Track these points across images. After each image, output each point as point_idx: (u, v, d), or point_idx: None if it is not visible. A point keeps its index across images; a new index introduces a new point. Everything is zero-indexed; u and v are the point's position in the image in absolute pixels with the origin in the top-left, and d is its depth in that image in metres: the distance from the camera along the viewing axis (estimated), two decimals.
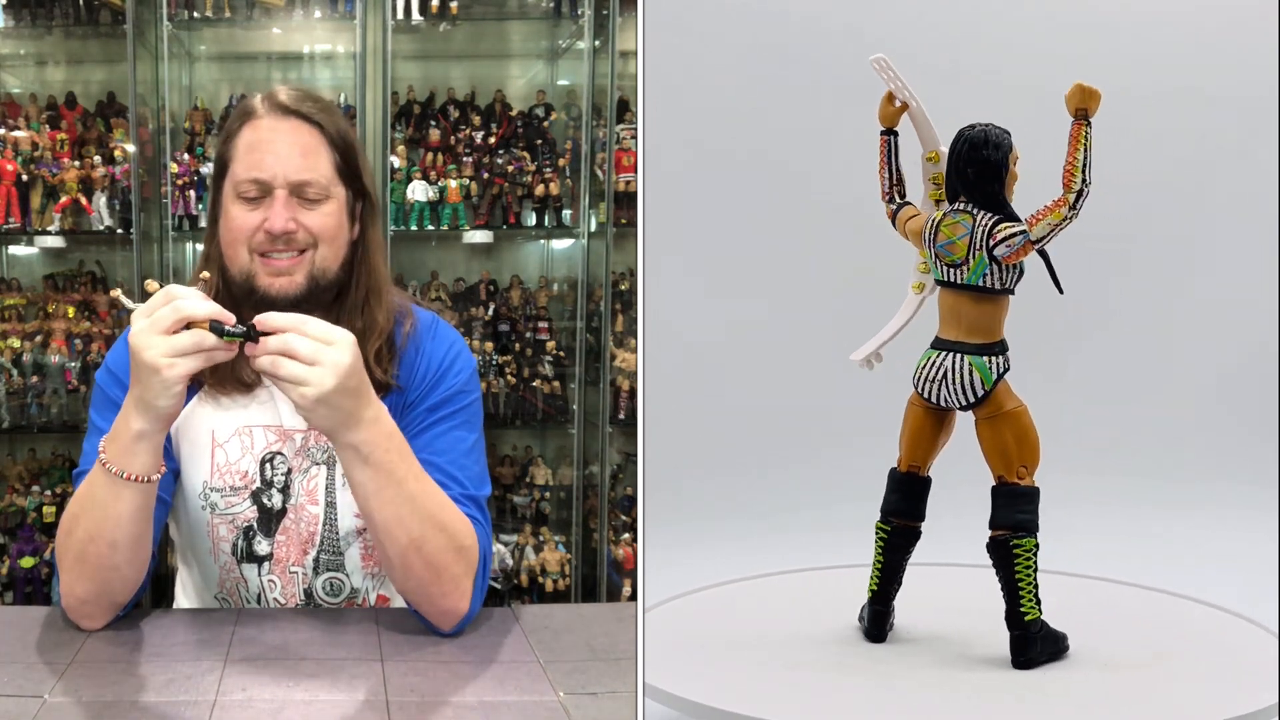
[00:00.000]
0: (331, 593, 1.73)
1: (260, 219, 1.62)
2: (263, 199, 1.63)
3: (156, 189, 3.30)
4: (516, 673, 1.45)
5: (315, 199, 1.65)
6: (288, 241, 1.63)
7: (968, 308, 1.84)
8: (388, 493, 1.49)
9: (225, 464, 1.69)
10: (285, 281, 1.64)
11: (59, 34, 3.35)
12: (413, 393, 1.71)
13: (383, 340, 1.69)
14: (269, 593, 1.72)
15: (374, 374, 1.62)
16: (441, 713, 1.32)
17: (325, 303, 1.68)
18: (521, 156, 3.39)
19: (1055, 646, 1.85)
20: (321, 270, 1.66)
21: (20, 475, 3.37)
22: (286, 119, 1.65)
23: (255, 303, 1.62)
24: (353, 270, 1.71)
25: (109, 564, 1.51)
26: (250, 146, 1.64)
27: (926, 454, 1.93)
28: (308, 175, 1.64)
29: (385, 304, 1.72)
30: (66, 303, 3.36)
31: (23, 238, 3.33)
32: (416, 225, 3.34)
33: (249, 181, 1.63)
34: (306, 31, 3.43)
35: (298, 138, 1.65)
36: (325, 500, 1.70)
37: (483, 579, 1.62)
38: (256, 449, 1.70)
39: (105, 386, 1.69)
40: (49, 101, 3.37)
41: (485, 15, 3.48)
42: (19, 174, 3.23)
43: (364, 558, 1.73)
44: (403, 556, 1.53)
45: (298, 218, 1.63)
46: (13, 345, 3.28)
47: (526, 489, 3.48)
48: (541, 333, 3.46)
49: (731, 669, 1.83)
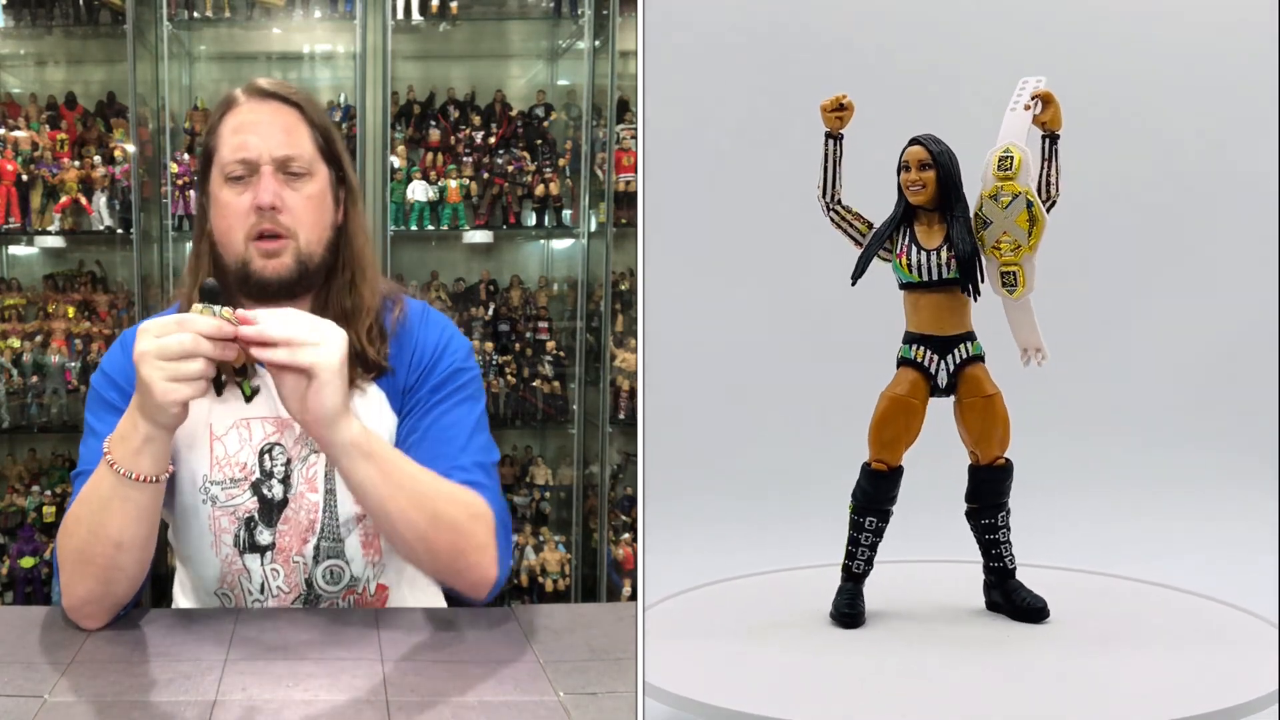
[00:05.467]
0: (331, 581, 1.73)
1: (250, 199, 1.66)
2: (249, 179, 1.67)
3: (156, 189, 3.30)
4: (516, 673, 1.45)
5: (299, 173, 1.68)
6: (274, 219, 1.66)
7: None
8: (395, 478, 1.53)
9: (224, 456, 1.70)
10: (276, 264, 1.67)
11: (59, 34, 3.35)
12: (409, 377, 1.73)
13: (372, 319, 1.72)
14: (272, 581, 1.72)
15: (366, 353, 1.68)
16: (441, 713, 1.32)
17: (314, 286, 1.72)
18: (521, 156, 3.39)
19: None
20: (308, 253, 1.69)
21: (20, 475, 3.37)
22: (267, 101, 1.70)
23: (250, 288, 1.66)
24: (338, 253, 1.74)
25: (114, 564, 1.52)
26: (234, 129, 1.68)
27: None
28: (291, 150, 1.68)
29: (371, 284, 1.75)
30: (66, 303, 3.36)
31: (23, 238, 3.34)
32: (416, 225, 3.34)
33: (235, 162, 1.66)
34: (306, 31, 3.43)
35: (279, 118, 1.69)
36: (325, 488, 1.70)
37: (505, 541, 1.66)
38: (255, 440, 1.71)
39: (100, 389, 1.71)
40: (49, 101, 3.37)
41: (485, 15, 3.48)
42: (19, 174, 3.23)
43: (364, 545, 1.73)
44: (424, 538, 1.56)
45: (283, 195, 1.67)
46: (13, 345, 3.29)
47: (526, 489, 3.48)
48: (541, 333, 3.46)
49: (732, 667, 1.84)
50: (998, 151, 1.92)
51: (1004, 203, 1.90)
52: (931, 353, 1.98)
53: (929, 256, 1.94)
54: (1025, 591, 2.01)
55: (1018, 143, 1.91)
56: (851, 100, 1.98)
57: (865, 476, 2.02)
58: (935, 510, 2.11)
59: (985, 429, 1.98)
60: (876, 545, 2.04)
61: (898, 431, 1.99)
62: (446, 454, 1.66)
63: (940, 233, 1.94)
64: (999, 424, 1.99)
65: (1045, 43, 3.49)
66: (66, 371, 3.28)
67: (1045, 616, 1.97)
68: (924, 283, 1.95)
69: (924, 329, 1.98)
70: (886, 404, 1.99)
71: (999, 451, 2.00)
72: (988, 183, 1.93)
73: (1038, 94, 1.92)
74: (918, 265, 1.95)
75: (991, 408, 1.98)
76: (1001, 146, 1.92)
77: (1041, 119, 1.92)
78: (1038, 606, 1.98)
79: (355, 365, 1.67)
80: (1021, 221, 1.89)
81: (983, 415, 1.98)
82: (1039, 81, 1.94)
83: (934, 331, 1.97)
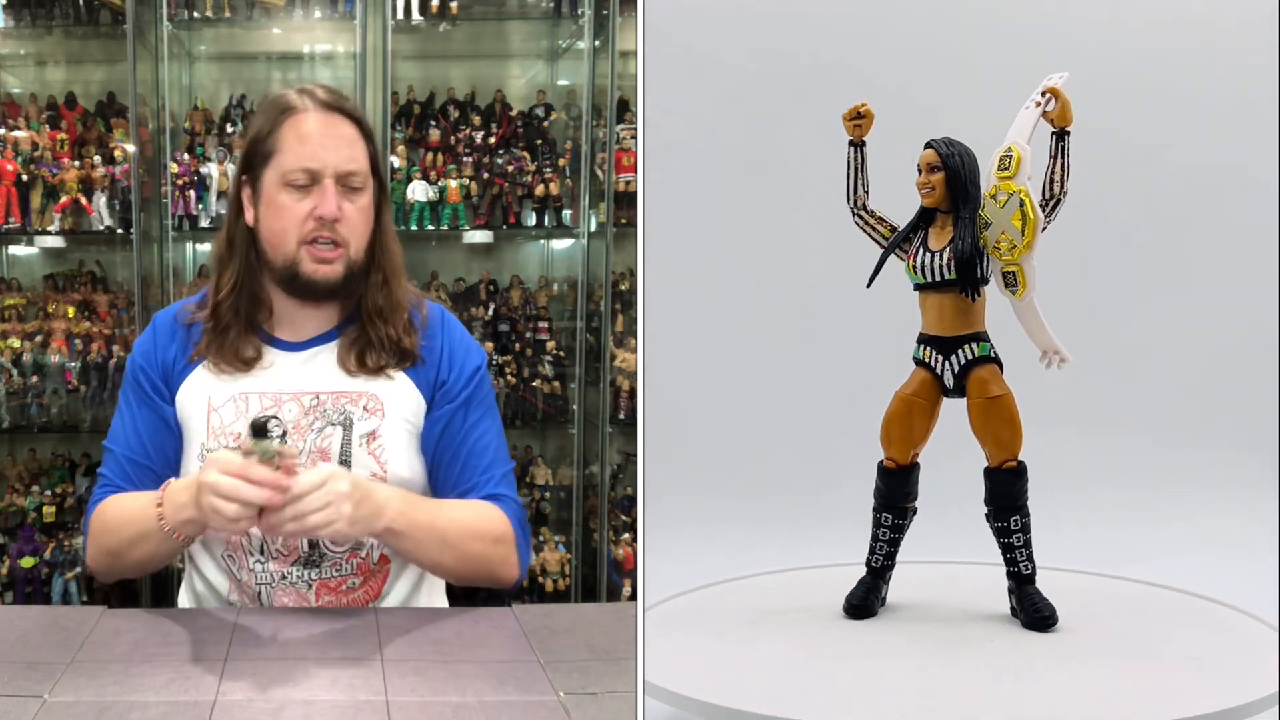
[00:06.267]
0: (338, 542, 1.78)
1: (310, 206, 1.74)
2: (311, 187, 1.74)
3: (156, 189, 3.30)
4: (516, 673, 1.45)
5: (357, 188, 1.77)
6: (333, 229, 1.74)
7: None
8: (428, 541, 1.71)
9: (219, 426, 1.78)
10: (327, 270, 1.76)
11: (59, 34, 3.35)
12: (441, 372, 1.84)
13: (406, 315, 1.83)
14: (271, 544, 1.78)
15: (402, 342, 1.80)
16: (441, 713, 1.32)
17: (357, 290, 1.81)
18: (521, 156, 3.39)
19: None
20: (355, 260, 1.78)
21: (20, 475, 3.37)
22: (331, 114, 1.77)
23: (296, 288, 1.77)
24: (374, 253, 1.82)
25: (133, 568, 1.78)
26: (301, 138, 1.74)
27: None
28: (353, 166, 1.76)
29: (402, 282, 1.86)
30: (66, 303, 3.36)
31: (23, 238, 3.34)
32: (416, 225, 3.34)
33: (301, 170, 1.73)
34: (306, 31, 3.43)
35: (343, 131, 1.77)
36: (339, 460, 1.76)
37: (525, 542, 1.84)
38: (251, 413, 1.77)
39: (132, 373, 1.86)
40: (49, 101, 3.37)
41: (485, 15, 3.48)
42: (19, 174, 3.23)
43: None
44: (453, 572, 1.81)
45: (343, 207, 1.75)
46: (13, 345, 3.29)
47: (527, 489, 3.48)
48: (541, 333, 3.46)
49: (732, 666, 1.84)
50: (1000, 150, 1.92)
51: (1001, 202, 1.90)
52: (937, 353, 1.99)
53: (933, 258, 1.95)
54: (1038, 598, 1.98)
55: (1020, 140, 1.90)
56: (870, 108, 2.00)
57: (878, 473, 2.06)
58: (962, 511, 2.10)
59: (990, 431, 1.97)
60: (896, 542, 2.06)
61: (903, 430, 2.02)
62: (478, 467, 1.83)
63: (949, 234, 1.95)
64: (1004, 426, 1.96)
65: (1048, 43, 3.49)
66: (66, 371, 3.28)
67: (1051, 625, 1.95)
68: (930, 284, 1.97)
69: (930, 330, 2.00)
70: (894, 403, 2.03)
71: (1007, 454, 1.97)
72: (989, 182, 1.93)
73: (1048, 89, 1.91)
74: (923, 267, 1.96)
75: (995, 409, 1.96)
76: (1005, 145, 1.92)
77: (1051, 115, 1.90)
78: (1043, 615, 1.95)
79: (391, 355, 1.81)
80: (1016, 220, 1.88)
81: (986, 416, 1.97)
82: (1061, 78, 1.92)
83: (938, 332, 1.99)
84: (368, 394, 1.79)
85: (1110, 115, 3.47)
